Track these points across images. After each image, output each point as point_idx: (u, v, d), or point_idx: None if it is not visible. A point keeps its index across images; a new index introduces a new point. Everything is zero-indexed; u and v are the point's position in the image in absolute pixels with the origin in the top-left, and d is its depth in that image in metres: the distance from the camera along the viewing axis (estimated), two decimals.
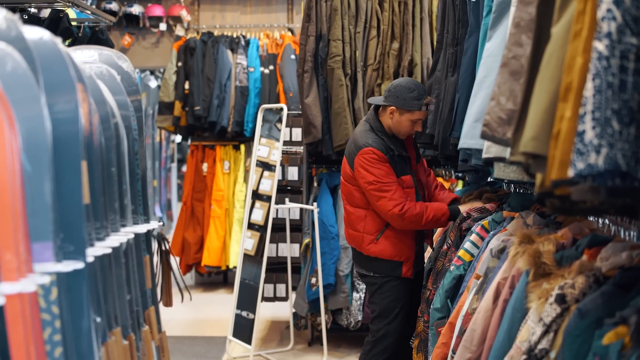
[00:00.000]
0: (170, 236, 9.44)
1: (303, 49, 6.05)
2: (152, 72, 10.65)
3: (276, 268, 6.65)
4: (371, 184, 4.19)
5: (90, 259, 1.82)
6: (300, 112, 6.37)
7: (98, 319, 1.88)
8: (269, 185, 6.08)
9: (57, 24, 4.90)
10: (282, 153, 6.50)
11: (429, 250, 4.68)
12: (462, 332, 2.81)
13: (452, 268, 3.52)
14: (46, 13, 5.21)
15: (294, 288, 6.38)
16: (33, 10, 5.05)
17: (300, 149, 6.65)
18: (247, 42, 8.44)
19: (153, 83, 10.42)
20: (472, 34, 3.38)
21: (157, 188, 11.12)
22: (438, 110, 4.08)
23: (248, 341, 5.73)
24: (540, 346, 1.94)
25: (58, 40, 1.77)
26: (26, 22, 4.78)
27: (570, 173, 1.47)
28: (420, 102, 4.22)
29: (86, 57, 2.54)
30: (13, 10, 4.83)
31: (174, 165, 12.67)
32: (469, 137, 2.96)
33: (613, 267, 1.89)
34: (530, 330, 1.99)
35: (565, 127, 1.50)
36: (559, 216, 2.68)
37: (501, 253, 2.79)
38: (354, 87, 6.00)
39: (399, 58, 5.97)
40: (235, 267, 8.23)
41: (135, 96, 2.59)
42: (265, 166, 6.18)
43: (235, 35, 8.56)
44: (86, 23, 5.44)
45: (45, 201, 1.58)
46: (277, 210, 6.34)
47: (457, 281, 3.49)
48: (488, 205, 3.79)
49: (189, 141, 8.84)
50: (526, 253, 2.23)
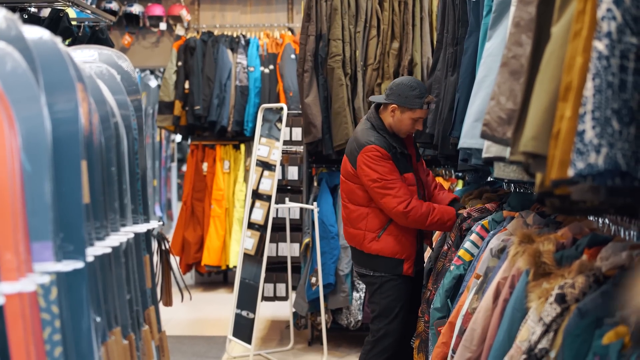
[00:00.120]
0: (170, 236, 9.44)
1: (303, 49, 6.05)
2: (152, 72, 10.65)
3: (276, 267, 6.65)
4: (375, 182, 4.18)
5: (90, 259, 1.82)
6: (300, 112, 6.37)
7: (98, 319, 1.88)
8: (269, 184, 6.08)
9: (57, 24, 4.89)
10: (282, 152, 6.50)
11: (429, 250, 4.67)
12: (462, 332, 2.81)
13: (452, 268, 3.52)
14: (46, 12, 5.20)
15: (294, 287, 6.38)
16: (33, 9, 5.05)
17: (300, 149, 6.65)
18: (247, 42, 8.43)
19: (153, 82, 10.42)
20: (472, 34, 3.38)
21: (157, 187, 11.12)
22: (438, 109, 4.08)
23: (248, 341, 5.73)
24: (540, 346, 1.94)
25: (58, 39, 1.77)
26: (26, 22, 4.78)
27: (570, 173, 1.47)
28: (421, 101, 4.22)
29: (86, 57, 2.54)
30: (13, 9, 4.83)
31: (174, 164, 12.66)
32: (469, 137, 2.96)
33: (613, 267, 1.89)
34: (530, 329, 1.99)
35: (565, 127, 1.50)
36: (559, 216, 2.68)
37: (501, 253, 2.79)
38: (354, 87, 6.00)
39: (399, 57, 5.97)
40: (235, 267, 8.23)
41: (135, 96, 2.59)
42: (265, 166, 6.18)
43: (235, 34, 8.56)
44: (86, 22, 5.43)
45: (45, 201, 1.58)
46: (277, 209, 6.34)
47: (457, 281, 3.49)
48: (488, 205, 3.79)
49: (189, 141, 8.84)
50: (526, 253, 2.22)
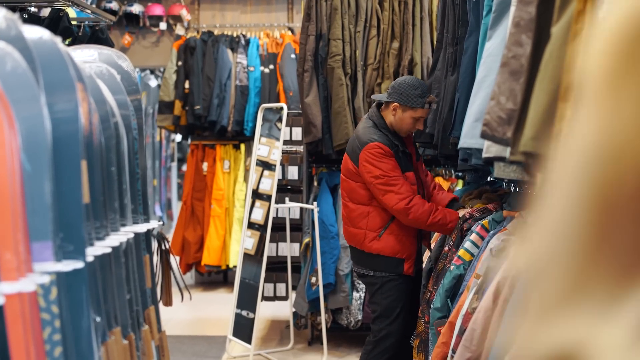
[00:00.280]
0: (170, 235, 9.44)
1: (303, 48, 6.05)
2: (152, 72, 10.65)
3: (276, 267, 6.65)
4: (378, 178, 4.18)
5: (90, 259, 1.82)
6: (300, 112, 6.37)
7: (98, 319, 1.88)
8: (269, 184, 6.08)
9: (57, 23, 4.89)
10: (282, 152, 6.50)
11: (427, 252, 4.67)
12: (462, 332, 2.81)
13: (452, 267, 3.52)
14: (46, 12, 5.20)
15: (294, 287, 6.38)
16: (33, 9, 5.05)
17: (300, 149, 6.65)
18: (247, 42, 8.44)
19: (153, 82, 10.42)
20: (472, 34, 3.39)
21: (157, 187, 11.12)
22: (438, 109, 4.08)
23: (248, 340, 5.73)
24: None
25: (58, 39, 1.77)
26: (26, 21, 4.78)
27: None
28: (423, 100, 4.22)
29: (86, 57, 2.54)
30: (13, 9, 4.83)
31: (174, 164, 12.67)
32: (469, 137, 2.96)
33: None
34: None
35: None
36: None
37: (501, 252, 2.79)
38: (354, 87, 6.00)
39: (399, 57, 5.97)
40: (235, 267, 8.23)
41: (135, 95, 2.59)
42: (265, 165, 6.18)
43: (235, 34, 8.56)
44: (86, 22, 5.43)
45: (44, 201, 1.58)
46: (277, 209, 6.34)
47: (457, 281, 3.49)
48: (490, 205, 3.79)
49: (189, 140, 8.84)
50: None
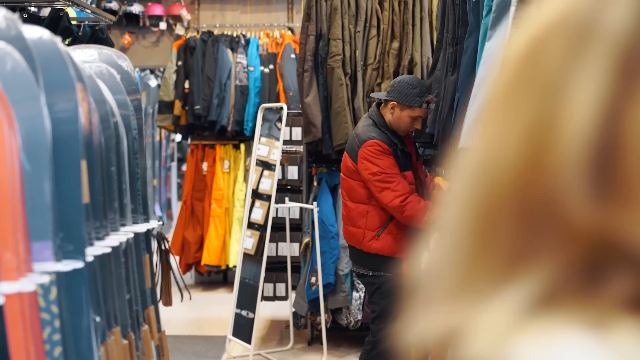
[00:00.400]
0: (170, 235, 9.44)
1: (303, 48, 6.05)
2: (152, 71, 10.65)
3: (276, 267, 6.65)
4: (375, 175, 4.18)
5: (89, 259, 1.82)
6: (300, 112, 6.37)
7: (97, 319, 1.88)
8: (269, 184, 6.08)
9: (57, 23, 4.89)
10: (282, 152, 6.50)
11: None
12: None
13: None
14: (46, 12, 5.20)
15: (294, 287, 6.38)
16: (33, 9, 5.05)
17: (300, 148, 6.65)
18: (247, 41, 8.43)
19: (153, 82, 10.42)
20: (472, 34, 3.39)
21: (157, 187, 11.12)
22: (438, 109, 4.08)
23: (248, 340, 5.73)
24: None
25: (58, 39, 1.77)
26: (26, 21, 4.78)
27: None
28: (421, 99, 4.22)
29: (86, 57, 2.54)
30: (13, 9, 4.83)
31: (174, 164, 12.66)
32: (469, 137, 2.95)
33: None
34: None
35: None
36: None
37: None
38: (354, 87, 6.00)
39: (399, 57, 5.97)
40: (235, 267, 8.23)
41: (135, 95, 2.59)
42: (265, 165, 6.18)
43: (235, 34, 8.56)
44: (86, 22, 5.43)
45: (44, 200, 1.58)
46: (277, 209, 6.34)
47: None
48: None
49: (189, 140, 8.84)
50: None
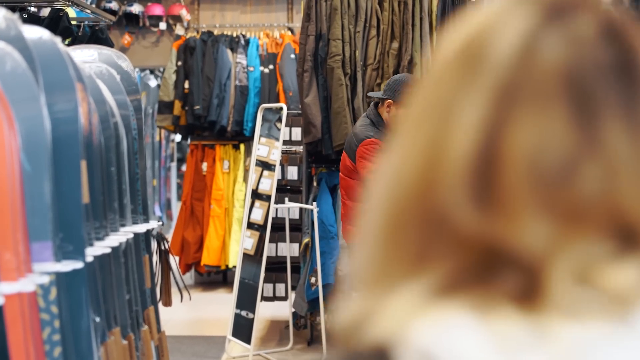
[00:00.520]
0: (169, 235, 9.44)
1: (303, 49, 6.05)
2: (152, 72, 10.64)
3: (275, 267, 6.64)
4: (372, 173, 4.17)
5: (89, 259, 1.82)
6: (299, 112, 6.37)
7: (97, 319, 1.88)
8: (269, 184, 6.08)
9: (57, 23, 4.89)
10: (282, 152, 6.49)
11: None
12: None
13: None
14: (46, 12, 5.20)
15: (294, 288, 6.38)
16: (33, 9, 5.05)
17: (299, 149, 6.65)
18: (247, 42, 8.43)
19: (153, 82, 10.41)
20: None
21: (157, 187, 11.11)
22: None
23: (247, 341, 5.73)
24: None
25: (57, 39, 1.77)
26: (26, 21, 4.77)
27: None
28: None
29: (86, 57, 2.54)
30: (13, 9, 4.82)
31: (174, 164, 12.66)
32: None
33: None
34: None
35: None
36: None
37: None
38: (354, 87, 6.00)
39: (399, 57, 5.97)
40: (234, 267, 8.22)
41: (134, 95, 2.59)
42: (264, 165, 6.18)
43: (235, 34, 8.55)
44: (86, 22, 5.43)
45: (44, 201, 1.57)
46: (277, 209, 6.34)
47: None
48: None
49: (189, 140, 8.83)
50: None
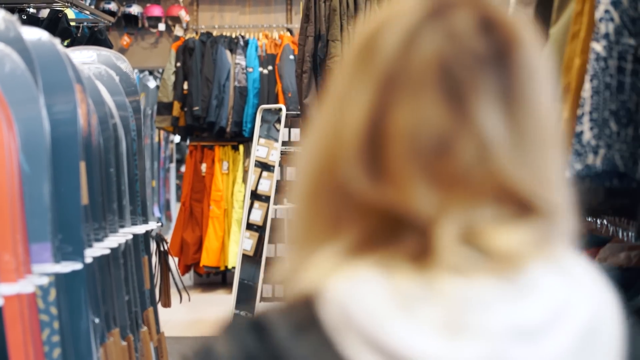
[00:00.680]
0: (168, 237, 9.43)
1: (302, 50, 6.05)
2: (151, 73, 10.64)
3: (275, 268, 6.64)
4: None
5: (88, 260, 1.82)
6: (299, 113, 6.37)
7: (96, 320, 1.88)
8: (268, 185, 6.08)
9: (56, 25, 4.89)
10: (281, 153, 6.50)
11: None
12: None
13: None
14: (45, 13, 5.20)
15: None
16: (32, 10, 5.05)
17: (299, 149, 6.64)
18: (246, 43, 8.43)
19: (152, 83, 10.41)
20: None
21: (156, 188, 11.11)
22: None
23: None
24: None
25: (57, 41, 1.77)
26: (25, 23, 4.76)
27: (568, 174, 1.47)
28: None
29: (85, 58, 2.54)
30: (12, 10, 4.82)
31: (173, 165, 12.65)
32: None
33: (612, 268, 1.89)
34: None
35: (563, 128, 1.51)
36: None
37: None
38: None
39: None
40: (234, 268, 8.22)
41: (133, 97, 2.59)
42: (264, 166, 6.18)
43: (234, 35, 8.55)
44: (85, 23, 5.43)
45: (43, 202, 1.58)
46: (276, 210, 6.34)
47: None
48: None
49: (188, 141, 8.83)
50: None
